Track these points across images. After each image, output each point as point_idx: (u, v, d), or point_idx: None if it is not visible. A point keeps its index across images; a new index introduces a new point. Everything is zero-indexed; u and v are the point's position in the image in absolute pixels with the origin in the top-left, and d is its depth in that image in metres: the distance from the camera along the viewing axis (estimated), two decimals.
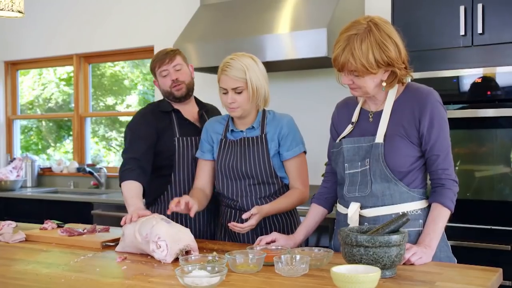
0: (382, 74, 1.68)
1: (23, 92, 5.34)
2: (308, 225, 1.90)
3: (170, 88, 2.36)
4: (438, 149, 1.70)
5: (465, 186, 2.66)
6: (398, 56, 1.66)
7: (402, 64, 1.68)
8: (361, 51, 1.62)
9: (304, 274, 1.50)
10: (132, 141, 2.30)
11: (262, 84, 2.05)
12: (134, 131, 2.33)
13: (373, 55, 1.62)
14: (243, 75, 2.00)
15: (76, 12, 4.74)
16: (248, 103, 2.04)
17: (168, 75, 2.35)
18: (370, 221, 1.74)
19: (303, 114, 3.21)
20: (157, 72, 2.39)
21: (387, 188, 1.71)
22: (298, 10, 3.29)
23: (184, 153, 2.33)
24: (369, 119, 1.78)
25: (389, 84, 1.71)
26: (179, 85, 2.36)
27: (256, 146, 2.07)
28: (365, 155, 1.73)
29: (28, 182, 4.82)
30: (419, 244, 1.64)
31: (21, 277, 1.56)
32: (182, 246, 1.71)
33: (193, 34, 3.61)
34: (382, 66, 1.65)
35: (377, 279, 1.27)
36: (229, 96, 2.02)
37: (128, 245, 1.86)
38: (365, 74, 1.65)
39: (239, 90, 2.01)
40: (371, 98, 1.78)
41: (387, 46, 1.63)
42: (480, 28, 2.59)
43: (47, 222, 2.25)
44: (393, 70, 1.67)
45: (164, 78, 2.36)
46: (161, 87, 2.41)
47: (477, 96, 2.62)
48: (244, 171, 2.07)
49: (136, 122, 2.38)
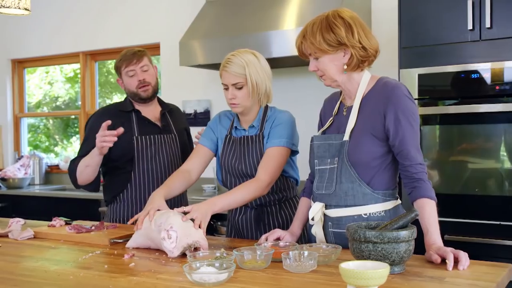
0: (342, 57, 1.71)
1: (30, 91, 5.36)
2: (301, 218, 1.92)
3: (136, 89, 2.38)
4: (408, 143, 1.67)
5: (473, 181, 2.64)
6: (350, 35, 1.68)
7: (358, 43, 1.68)
8: (311, 32, 1.71)
9: (312, 270, 1.50)
10: (85, 140, 2.37)
11: (263, 79, 2.05)
12: (89, 130, 2.37)
13: (321, 33, 1.69)
14: (242, 70, 2.00)
15: (82, 9, 4.74)
16: (248, 99, 2.04)
17: (135, 75, 2.36)
18: (334, 222, 1.75)
19: (308, 110, 3.20)
20: (123, 71, 2.38)
21: (351, 189, 1.71)
22: (303, 6, 3.28)
23: (143, 151, 2.36)
24: (343, 113, 1.80)
25: (351, 68, 1.72)
26: (145, 86, 2.38)
27: (253, 145, 2.07)
28: (335, 153, 1.74)
29: (36, 180, 4.84)
30: (433, 244, 1.58)
31: (30, 274, 1.56)
32: (191, 241, 1.71)
33: (198, 30, 3.60)
34: (333, 44, 1.68)
35: (386, 275, 1.26)
36: (230, 91, 2.04)
37: (141, 233, 1.85)
38: (319, 54, 1.71)
39: (239, 85, 2.02)
40: (345, 91, 1.80)
41: (336, 25, 1.68)
42: (488, 23, 2.57)
43: (55, 219, 2.26)
44: (349, 50, 1.69)
45: (131, 78, 2.37)
46: (126, 87, 2.41)
47: (485, 91, 2.60)
48: (244, 170, 2.07)
49: (92, 121, 2.41)
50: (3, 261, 1.73)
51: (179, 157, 2.45)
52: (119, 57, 2.41)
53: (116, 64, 2.42)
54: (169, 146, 2.44)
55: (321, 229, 1.79)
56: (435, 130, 2.76)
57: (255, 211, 2.13)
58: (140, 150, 2.35)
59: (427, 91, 2.72)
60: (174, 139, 2.47)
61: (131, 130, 2.36)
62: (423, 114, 2.71)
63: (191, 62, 3.58)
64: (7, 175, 4.57)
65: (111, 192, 2.41)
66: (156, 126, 2.44)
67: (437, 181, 2.71)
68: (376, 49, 1.75)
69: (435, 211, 1.64)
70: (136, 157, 2.35)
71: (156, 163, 2.38)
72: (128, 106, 2.42)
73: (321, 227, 1.79)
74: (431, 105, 2.71)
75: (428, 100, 2.73)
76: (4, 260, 1.74)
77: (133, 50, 2.40)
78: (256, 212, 2.13)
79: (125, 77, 2.39)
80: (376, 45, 1.74)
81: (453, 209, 2.65)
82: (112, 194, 2.41)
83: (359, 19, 1.74)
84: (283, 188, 2.11)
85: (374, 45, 1.74)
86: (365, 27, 1.74)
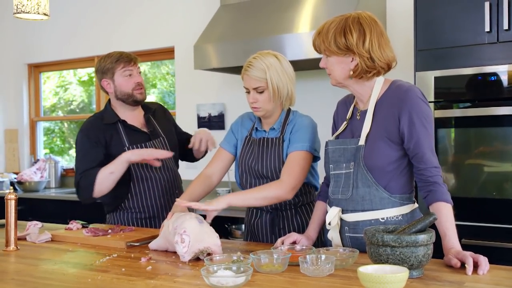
0: (350, 62, 1.70)
1: (46, 95, 5.41)
2: (317, 222, 1.91)
3: (132, 90, 2.36)
4: (423, 146, 1.65)
5: (491, 185, 2.61)
6: (361, 44, 1.67)
7: (366, 53, 1.67)
8: (326, 30, 1.72)
9: (330, 274, 1.49)
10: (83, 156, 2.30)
11: (285, 83, 2.03)
12: (82, 146, 2.32)
13: (334, 35, 1.69)
14: (263, 74, 1.99)
15: (97, 14, 4.79)
16: (269, 102, 2.03)
17: (132, 76, 2.35)
18: (350, 226, 1.74)
19: (324, 113, 3.19)
20: (118, 71, 2.35)
21: (368, 193, 1.70)
22: (318, 9, 3.28)
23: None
24: (357, 117, 1.79)
25: (356, 75, 1.71)
26: (142, 89, 2.38)
27: (273, 147, 2.07)
28: (351, 157, 1.73)
29: (51, 183, 4.89)
30: (452, 248, 1.57)
31: (49, 276, 1.58)
32: (203, 247, 1.71)
33: (213, 34, 3.62)
34: (341, 48, 1.68)
35: (405, 279, 1.25)
36: (251, 95, 2.03)
37: (161, 235, 1.89)
38: (328, 53, 1.72)
39: (260, 89, 2.01)
40: (356, 94, 1.80)
41: (350, 31, 1.68)
42: (506, 24, 2.54)
43: (72, 223, 2.28)
44: (356, 58, 1.68)
45: (127, 79, 2.35)
46: (119, 89, 2.36)
47: (502, 93, 2.57)
48: (261, 171, 2.07)
49: (80, 142, 2.34)
50: (22, 264, 1.74)
51: (171, 158, 2.45)
52: (111, 58, 2.35)
53: (106, 65, 2.35)
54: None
55: (337, 233, 1.78)
56: (451, 133, 2.73)
57: (270, 215, 2.12)
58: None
59: (443, 94, 2.70)
60: (163, 141, 2.46)
61: (120, 142, 2.34)
62: (439, 117, 2.69)
63: (205, 65, 3.59)
64: (24, 179, 4.62)
65: (113, 203, 2.41)
66: (144, 134, 2.41)
67: (453, 185, 2.68)
68: (388, 62, 1.71)
69: (451, 215, 1.62)
70: (132, 167, 2.34)
71: (151, 170, 2.38)
72: (113, 118, 2.37)
73: (338, 231, 1.78)
74: (447, 108, 2.69)
75: (444, 103, 2.70)
76: (23, 263, 1.76)
77: (126, 53, 2.39)
78: (271, 216, 2.12)
79: (119, 77, 2.35)
80: (389, 58, 1.71)
81: (470, 212, 2.62)
82: (114, 204, 2.40)
83: (380, 27, 1.71)
84: (300, 193, 2.10)
85: (386, 57, 1.70)
86: (384, 37, 1.70)
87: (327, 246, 1.83)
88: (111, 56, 2.37)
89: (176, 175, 2.52)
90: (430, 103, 2.42)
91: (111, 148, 2.32)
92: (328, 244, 1.84)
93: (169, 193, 2.44)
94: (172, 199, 2.38)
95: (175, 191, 2.47)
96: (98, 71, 2.39)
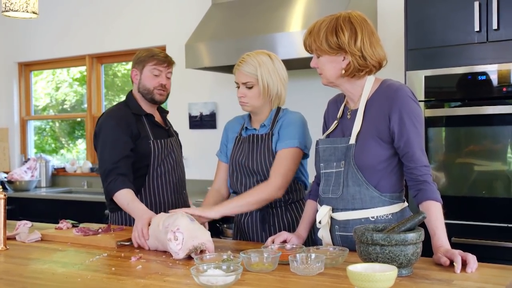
0: (341, 61, 1.71)
1: (37, 94, 5.38)
2: (307, 220, 1.92)
3: (154, 89, 2.36)
4: (413, 145, 1.66)
5: (480, 184, 2.63)
6: (353, 43, 1.68)
7: (358, 52, 1.68)
8: (317, 30, 1.72)
9: (319, 273, 1.49)
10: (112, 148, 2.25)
11: (275, 81, 2.07)
12: (108, 140, 2.27)
13: (325, 34, 1.70)
14: (254, 71, 2.04)
15: (88, 12, 4.76)
16: (258, 99, 2.07)
17: (159, 76, 2.36)
18: (340, 225, 1.75)
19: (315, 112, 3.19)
20: (148, 66, 2.36)
21: (358, 192, 1.71)
22: (309, 8, 3.28)
23: (158, 155, 2.35)
24: (348, 116, 1.80)
25: (348, 74, 1.72)
26: (164, 91, 2.39)
27: (262, 143, 2.09)
28: (341, 156, 1.74)
29: (42, 182, 4.87)
30: (441, 246, 1.57)
31: (38, 276, 1.57)
32: (197, 243, 1.71)
33: (204, 33, 3.61)
34: (333, 47, 1.69)
35: (394, 278, 1.26)
36: (240, 90, 2.08)
37: (150, 234, 1.88)
38: (320, 52, 1.72)
39: (249, 85, 2.06)
40: (347, 93, 1.80)
41: (342, 30, 1.69)
42: (496, 24, 2.56)
43: (62, 222, 2.27)
44: (348, 56, 1.69)
45: (154, 77, 2.36)
46: (142, 82, 2.37)
47: (492, 92, 2.59)
48: (251, 167, 2.08)
49: (111, 130, 2.29)
50: (11, 264, 1.73)
51: (181, 158, 2.52)
52: (148, 52, 2.38)
53: (142, 56, 2.37)
54: (175, 148, 2.49)
55: (328, 232, 1.78)
56: (442, 132, 2.75)
57: (260, 213, 2.13)
58: (156, 154, 2.35)
59: (433, 93, 2.72)
60: (177, 141, 2.54)
61: (147, 135, 2.35)
62: (429, 116, 2.70)
63: (197, 64, 3.59)
64: (14, 178, 4.59)
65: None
66: (164, 130, 2.46)
67: (443, 183, 2.70)
68: (379, 60, 1.73)
69: (441, 213, 1.63)
70: (152, 161, 2.35)
71: (167, 166, 2.40)
72: (141, 110, 2.39)
73: (328, 230, 1.78)
74: (438, 107, 2.70)
75: (435, 102, 2.72)
76: (12, 262, 1.75)
77: (165, 54, 2.41)
78: (261, 213, 2.13)
79: (147, 72, 2.36)
80: (380, 57, 1.72)
81: (460, 211, 2.64)
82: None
83: (371, 26, 1.73)
84: (290, 190, 2.11)
85: (378, 56, 1.72)
86: (375, 36, 1.72)
87: (318, 244, 1.83)
88: (151, 50, 2.41)
89: (184, 174, 2.54)
90: (421, 102, 2.43)
91: (138, 141, 2.30)
92: (319, 242, 1.84)
93: (178, 191, 2.44)
94: (180, 198, 2.43)
95: (183, 191, 2.49)
96: (134, 59, 2.42)
